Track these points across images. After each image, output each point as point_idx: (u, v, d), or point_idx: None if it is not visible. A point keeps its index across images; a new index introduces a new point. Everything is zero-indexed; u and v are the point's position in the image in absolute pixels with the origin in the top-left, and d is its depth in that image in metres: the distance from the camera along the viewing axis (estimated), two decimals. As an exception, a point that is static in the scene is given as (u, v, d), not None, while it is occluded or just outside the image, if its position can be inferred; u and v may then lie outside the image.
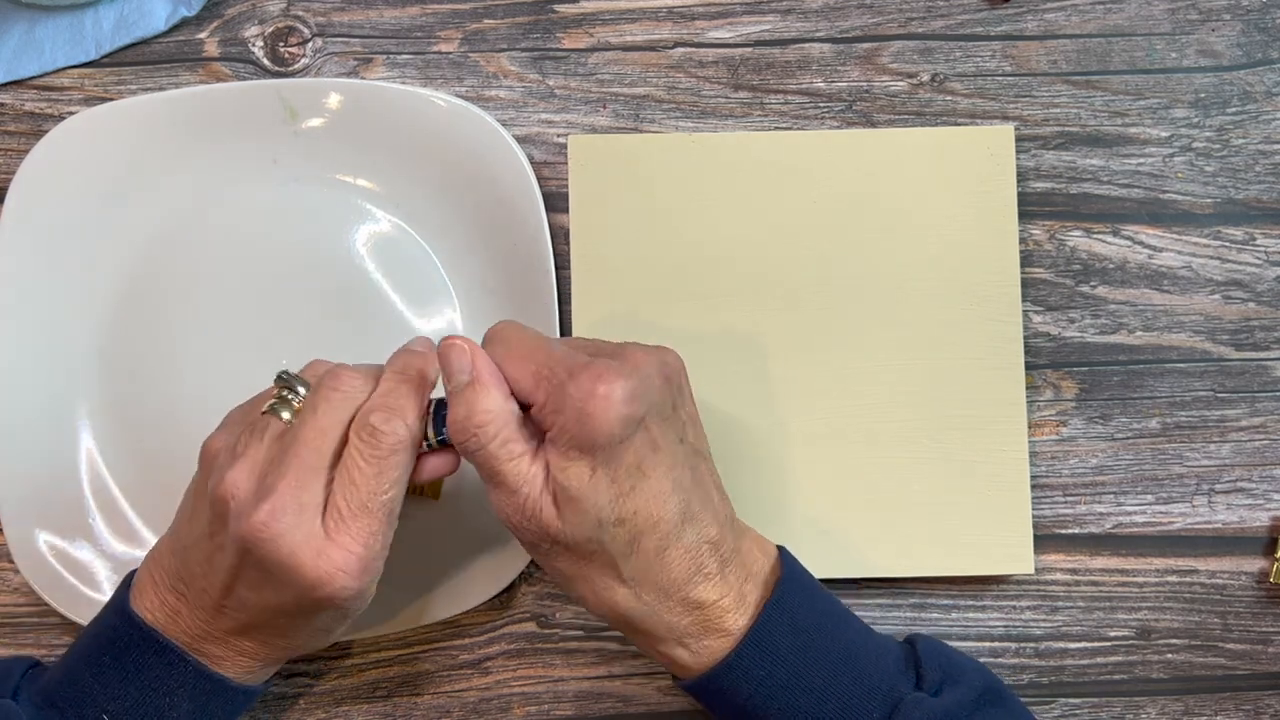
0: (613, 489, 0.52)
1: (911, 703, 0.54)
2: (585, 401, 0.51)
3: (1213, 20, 0.69)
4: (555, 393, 0.52)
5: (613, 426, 0.51)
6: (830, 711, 0.54)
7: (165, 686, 0.55)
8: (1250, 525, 0.68)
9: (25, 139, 0.68)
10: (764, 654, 0.54)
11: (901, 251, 0.67)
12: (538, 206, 0.66)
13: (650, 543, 0.53)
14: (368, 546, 0.53)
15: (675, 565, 0.54)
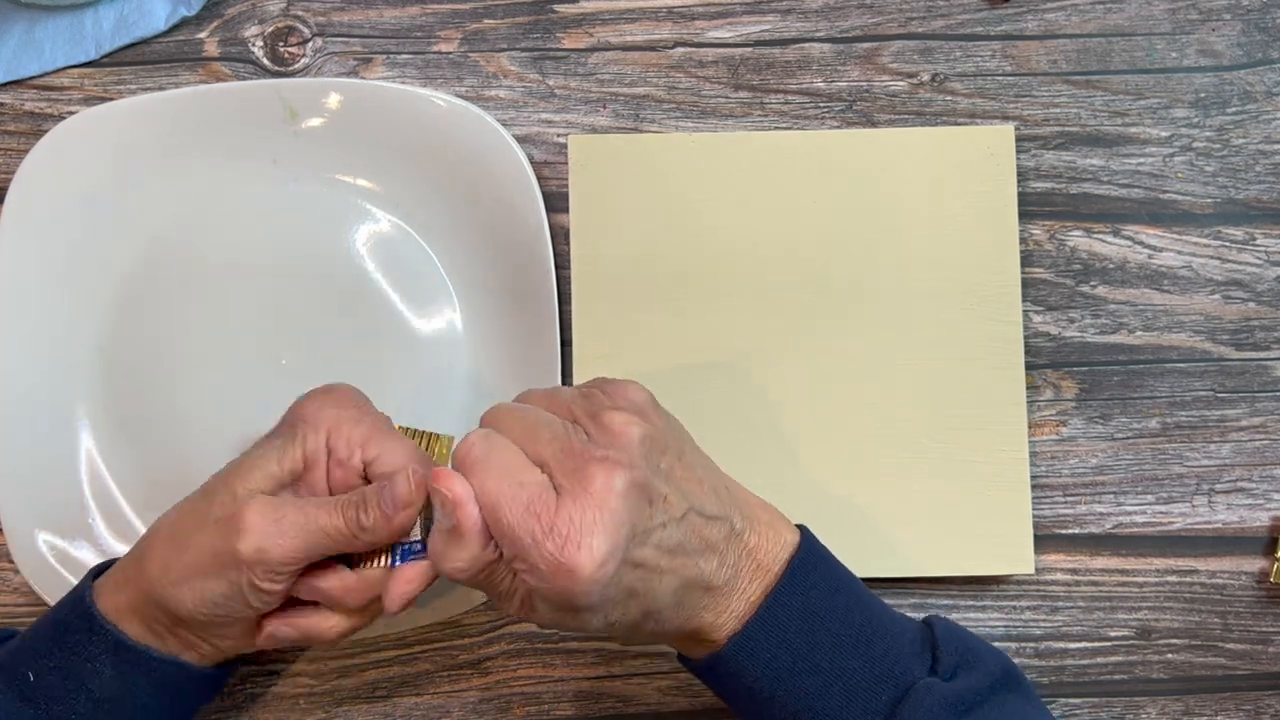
0: (598, 617, 0.51)
1: (923, 688, 0.53)
2: (554, 574, 0.49)
3: (1213, 20, 0.69)
4: (523, 555, 0.49)
5: (590, 594, 0.49)
6: (837, 694, 0.53)
7: (88, 652, 0.56)
8: (1250, 525, 0.68)
9: (25, 139, 0.68)
10: (770, 636, 0.54)
11: (901, 251, 0.67)
12: (538, 206, 0.66)
13: (639, 618, 0.53)
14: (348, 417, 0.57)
15: (670, 622, 0.53)
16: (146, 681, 0.57)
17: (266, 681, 0.67)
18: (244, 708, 0.67)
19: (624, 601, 0.51)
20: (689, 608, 0.53)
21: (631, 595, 0.51)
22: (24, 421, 0.66)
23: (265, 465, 0.56)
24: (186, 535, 0.56)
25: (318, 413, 0.58)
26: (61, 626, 0.57)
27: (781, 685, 0.54)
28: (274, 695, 0.67)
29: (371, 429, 0.57)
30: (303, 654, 0.67)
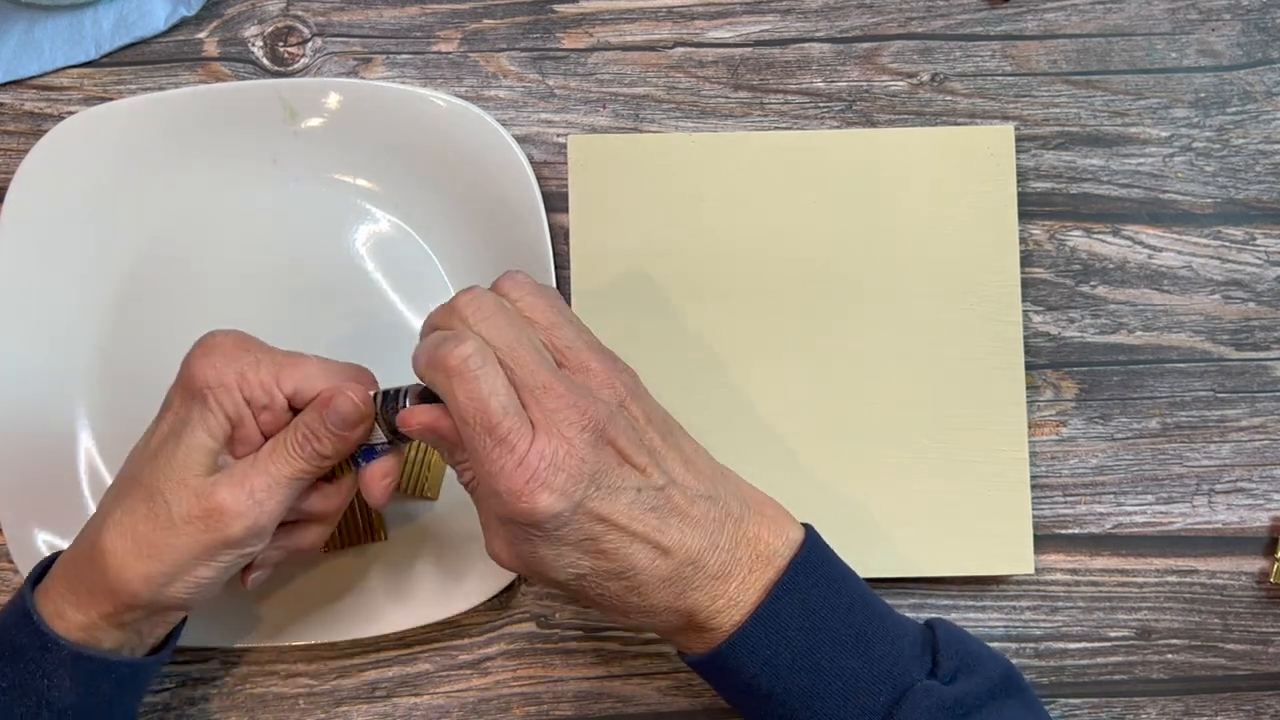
0: (556, 562, 0.52)
1: (922, 690, 0.53)
2: (511, 491, 0.50)
3: (1213, 20, 0.69)
4: (489, 478, 0.51)
5: (537, 518, 0.51)
6: (835, 693, 0.53)
7: (42, 668, 0.55)
8: (1250, 525, 0.68)
9: (25, 139, 0.68)
10: (770, 633, 0.54)
11: (901, 251, 0.67)
12: (538, 206, 0.66)
13: (617, 587, 0.53)
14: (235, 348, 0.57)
15: (653, 595, 0.53)
16: (108, 684, 0.57)
17: (266, 681, 0.67)
18: (244, 707, 0.67)
19: (587, 553, 0.52)
20: (676, 584, 0.53)
21: (598, 550, 0.52)
22: (24, 421, 0.66)
23: (199, 446, 0.55)
24: (159, 544, 0.55)
25: (219, 373, 0.56)
26: (10, 648, 0.56)
27: (780, 683, 0.54)
28: (274, 695, 0.67)
29: (274, 365, 0.57)
30: (303, 654, 0.67)
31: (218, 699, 0.67)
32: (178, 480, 0.55)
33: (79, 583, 0.56)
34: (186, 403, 0.56)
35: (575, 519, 0.51)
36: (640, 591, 0.53)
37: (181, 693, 0.67)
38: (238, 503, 0.55)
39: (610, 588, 0.53)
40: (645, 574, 0.53)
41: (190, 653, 0.67)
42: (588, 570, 0.52)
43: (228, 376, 0.55)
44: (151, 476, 0.55)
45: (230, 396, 0.55)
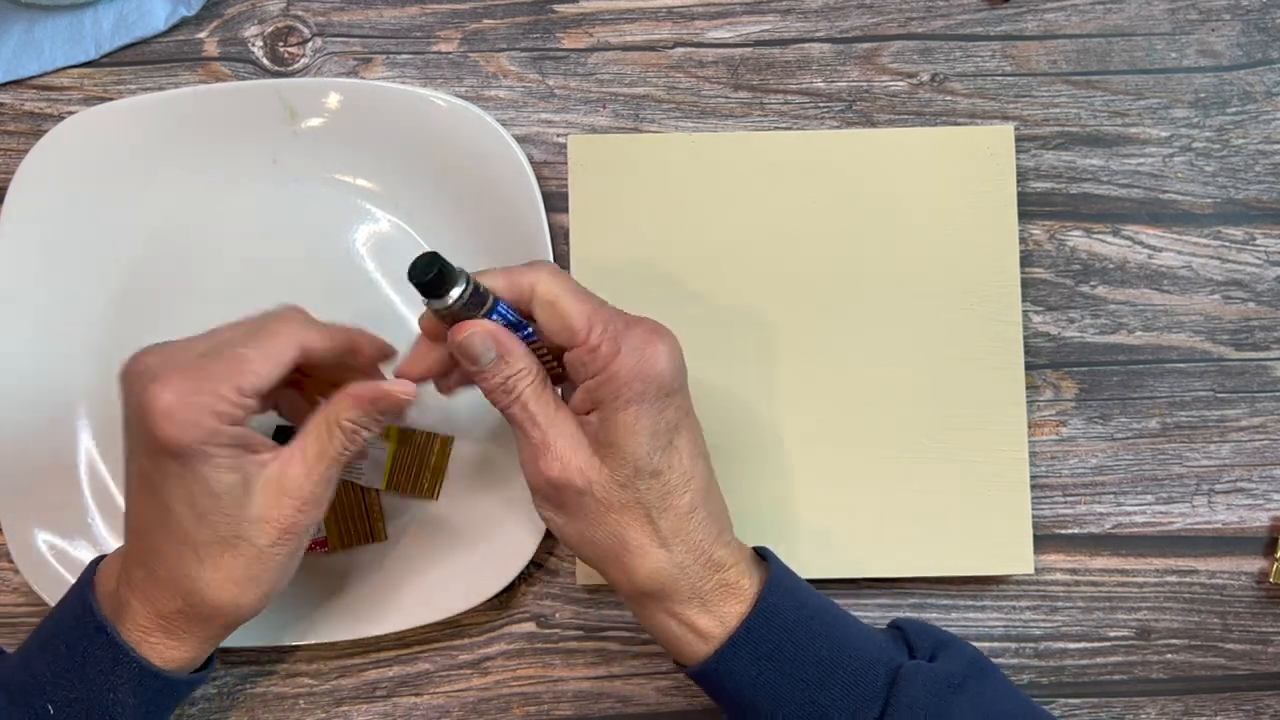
0: (653, 440, 0.54)
1: (912, 668, 0.55)
2: (645, 347, 0.54)
3: (1213, 20, 0.69)
4: (612, 336, 0.54)
5: (667, 376, 0.54)
6: (839, 682, 0.54)
7: (110, 682, 0.55)
8: (1250, 525, 0.68)
9: (25, 139, 0.68)
10: (771, 626, 0.55)
11: (901, 251, 0.67)
12: (538, 206, 0.66)
13: (683, 501, 0.55)
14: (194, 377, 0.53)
15: (703, 527, 0.55)
16: (166, 702, 0.57)
17: (266, 681, 0.67)
18: (244, 707, 0.67)
19: (669, 434, 0.55)
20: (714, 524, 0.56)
21: (676, 432, 0.55)
22: (24, 421, 0.66)
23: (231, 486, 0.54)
24: (259, 574, 0.55)
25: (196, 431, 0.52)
26: (80, 654, 0.55)
27: (786, 678, 0.54)
28: (274, 695, 0.67)
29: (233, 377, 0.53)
30: (303, 654, 0.67)
31: (218, 699, 0.67)
32: (242, 520, 0.54)
33: (179, 628, 0.56)
34: (185, 464, 0.53)
35: (678, 396, 0.55)
36: (695, 516, 0.55)
37: (181, 693, 0.67)
38: (309, 508, 0.55)
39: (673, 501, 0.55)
40: (700, 495, 0.55)
41: (190, 653, 0.67)
42: (664, 467, 0.54)
43: (205, 424, 0.52)
44: (212, 531, 0.54)
45: (221, 436, 0.53)
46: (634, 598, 0.56)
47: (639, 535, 0.55)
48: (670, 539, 0.55)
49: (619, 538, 0.55)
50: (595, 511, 0.55)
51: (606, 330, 0.54)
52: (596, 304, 0.55)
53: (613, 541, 0.55)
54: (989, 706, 0.56)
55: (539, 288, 0.55)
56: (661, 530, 0.55)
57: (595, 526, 0.55)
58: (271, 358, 0.54)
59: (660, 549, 0.55)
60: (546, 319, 0.55)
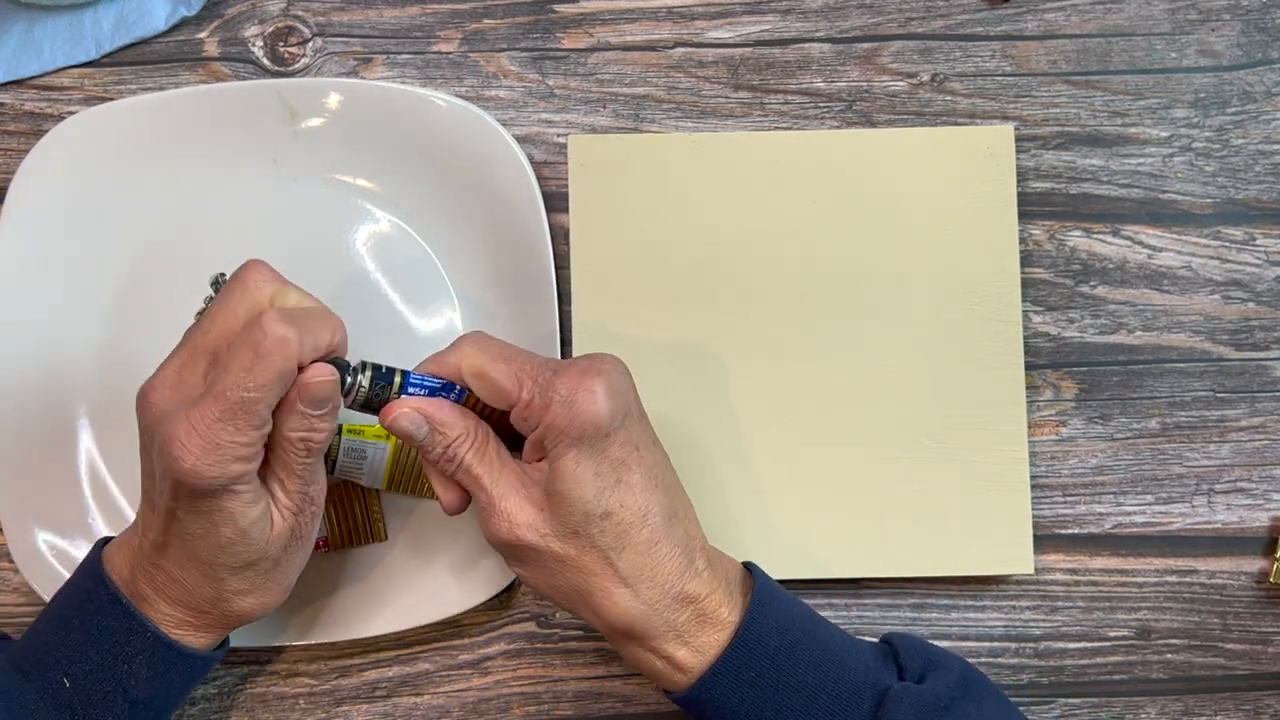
0: (598, 482, 0.54)
1: (900, 690, 0.55)
2: (574, 393, 0.54)
3: (1213, 20, 0.69)
4: (543, 388, 0.54)
5: (602, 416, 0.54)
6: (822, 708, 0.54)
7: (125, 652, 0.55)
8: (1250, 525, 0.68)
9: (25, 139, 0.68)
10: (753, 654, 0.55)
11: (901, 251, 0.67)
12: (538, 206, 0.66)
13: (641, 536, 0.54)
14: (211, 429, 0.52)
15: (668, 560, 0.55)
16: (179, 678, 0.57)
17: (266, 681, 0.67)
18: (244, 707, 0.67)
19: (616, 473, 0.54)
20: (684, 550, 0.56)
21: (624, 468, 0.54)
22: (24, 421, 0.66)
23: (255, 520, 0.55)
24: (278, 581, 0.57)
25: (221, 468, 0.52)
26: (94, 627, 0.56)
27: (770, 705, 0.54)
28: (274, 695, 0.67)
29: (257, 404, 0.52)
30: (303, 654, 0.67)
31: (218, 699, 0.67)
32: (261, 544, 0.55)
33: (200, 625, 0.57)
34: (213, 502, 0.53)
35: (620, 431, 0.54)
36: (656, 551, 0.55)
37: (181, 692, 0.67)
38: (310, 518, 0.56)
39: (631, 538, 0.54)
40: (661, 528, 0.55)
41: (190, 653, 0.67)
42: (615, 507, 0.54)
43: (231, 470, 0.53)
44: (237, 558, 0.55)
45: (247, 475, 0.53)
46: (611, 637, 0.57)
47: (601, 580, 0.55)
48: (633, 578, 0.55)
49: (582, 584, 0.55)
50: (553, 563, 0.55)
51: (536, 384, 0.54)
52: (523, 361, 0.55)
53: (577, 588, 0.55)
54: None
55: (464, 364, 0.56)
56: (622, 571, 0.54)
57: (557, 576, 0.55)
58: (274, 388, 0.53)
59: (624, 589, 0.55)
60: (480, 389, 0.56)
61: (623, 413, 0.55)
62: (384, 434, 0.66)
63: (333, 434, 0.56)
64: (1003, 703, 0.58)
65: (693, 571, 0.55)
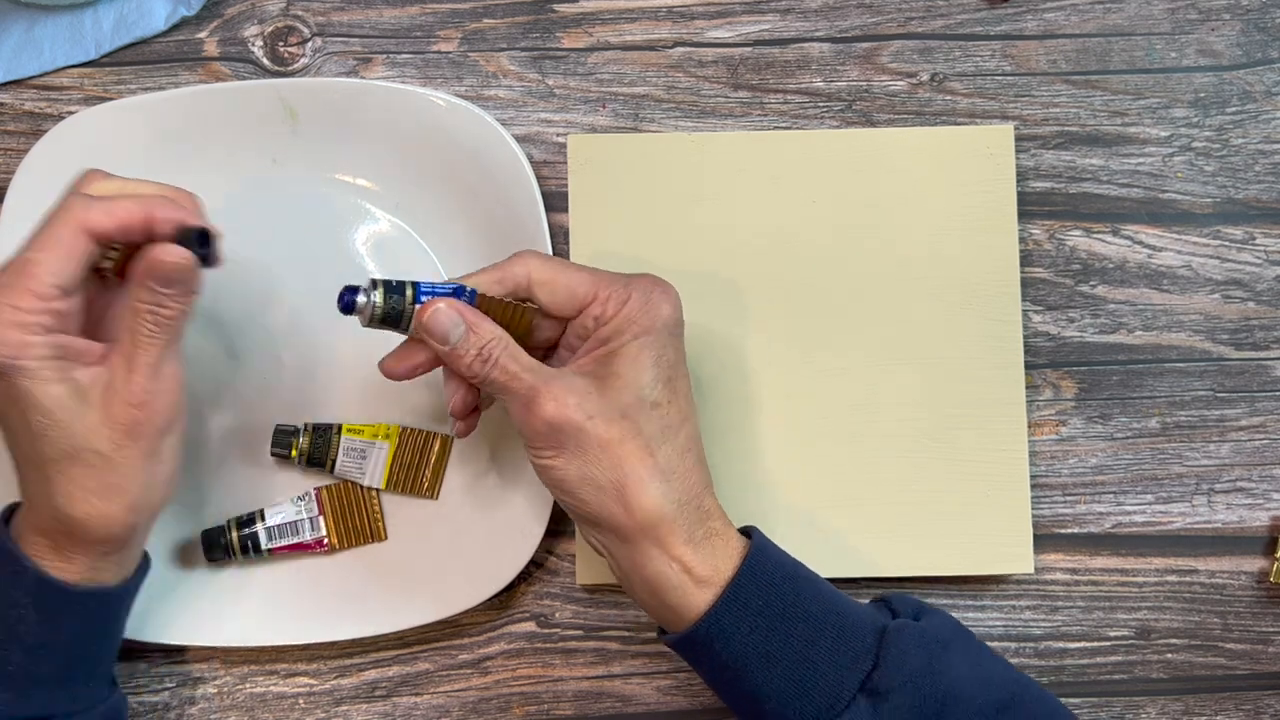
0: (656, 370, 0.56)
1: (900, 625, 0.56)
2: (652, 290, 0.57)
3: (1212, 20, 0.69)
4: (621, 287, 0.57)
5: (673, 316, 0.57)
6: (829, 638, 0.55)
7: (11, 596, 0.55)
8: (1250, 525, 0.68)
9: (25, 139, 0.68)
10: (761, 582, 0.55)
11: (901, 251, 0.67)
12: (537, 206, 0.66)
13: (680, 436, 0.56)
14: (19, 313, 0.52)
15: (696, 470, 0.57)
16: (72, 620, 0.56)
17: (266, 681, 0.67)
18: (244, 707, 0.67)
19: (670, 371, 0.57)
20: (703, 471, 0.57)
21: (676, 372, 0.57)
22: (24, 421, 0.66)
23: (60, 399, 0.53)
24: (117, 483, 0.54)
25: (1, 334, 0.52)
26: None
27: (776, 636, 0.55)
28: (274, 695, 0.67)
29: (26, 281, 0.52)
30: (303, 654, 0.67)
31: (218, 699, 0.67)
32: (80, 430, 0.53)
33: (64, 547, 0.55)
34: (8, 383, 0.52)
35: (678, 339, 0.57)
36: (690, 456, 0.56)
37: (181, 693, 0.67)
38: (147, 405, 0.54)
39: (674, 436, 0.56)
40: (695, 439, 0.57)
41: (190, 652, 0.67)
42: (665, 400, 0.56)
43: (10, 339, 0.52)
44: (54, 446, 0.53)
45: (33, 349, 0.52)
46: (633, 538, 0.55)
47: (639, 467, 0.55)
48: (669, 472, 0.55)
49: (619, 470, 0.55)
50: (595, 447, 0.55)
51: (614, 285, 0.57)
52: (595, 270, 0.58)
53: (614, 475, 0.55)
54: (976, 664, 0.56)
55: (534, 274, 0.58)
56: (660, 463, 0.55)
57: (595, 463, 0.55)
58: (58, 251, 0.52)
59: (660, 481, 0.55)
60: (549, 297, 0.57)
61: (682, 325, 0.58)
62: (383, 433, 0.66)
63: (187, 315, 0.54)
64: (992, 652, 0.59)
65: (710, 492, 0.57)
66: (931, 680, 0.54)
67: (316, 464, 0.66)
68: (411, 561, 0.66)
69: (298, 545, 0.65)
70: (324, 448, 0.65)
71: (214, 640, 0.65)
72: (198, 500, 0.66)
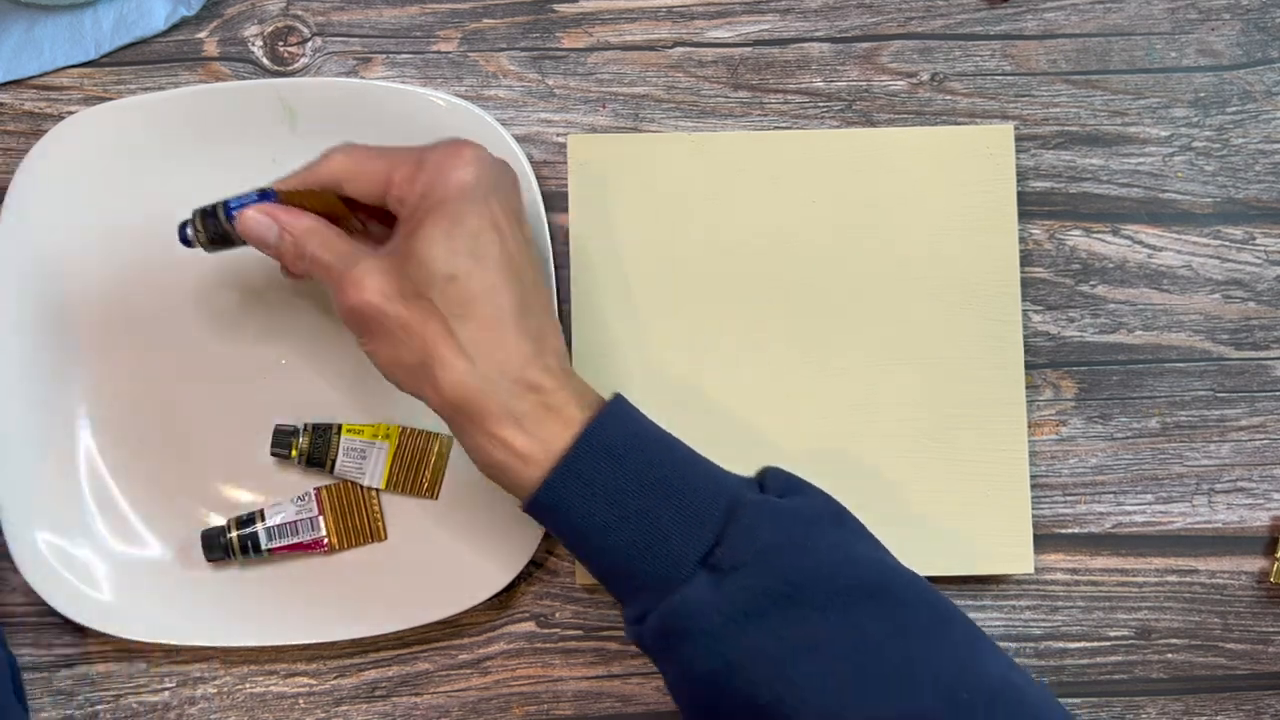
0: (448, 243, 0.54)
1: (757, 500, 0.54)
2: (443, 160, 0.55)
3: (1212, 20, 0.69)
4: (412, 165, 0.56)
5: (465, 180, 0.55)
6: (674, 508, 0.54)
7: None
8: (1250, 525, 0.68)
9: (25, 139, 0.68)
10: (600, 453, 0.54)
11: (901, 251, 0.67)
12: (538, 206, 0.66)
13: (484, 310, 0.54)
14: None
15: (512, 343, 0.55)
16: None
17: (266, 681, 0.67)
18: (244, 707, 0.67)
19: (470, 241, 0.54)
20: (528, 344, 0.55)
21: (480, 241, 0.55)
22: (24, 421, 0.66)
23: None
24: None
25: None
26: None
27: (618, 507, 0.54)
28: (274, 695, 0.67)
29: None
30: (303, 654, 0.67)
31: (218, 699, 0.67)
32: None
33: None
34: None
35: (481, 204, 0.55)
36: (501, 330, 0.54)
37: (181, 692, 0.67)
38: None
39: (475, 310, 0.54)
40: (508, 310, 0.55)
41: (190, 653, 0.67)
42: (461, 272, 0.54)
43: None
44: None
45: None
46: (450, 418, 0.55)
47: (441, 347, 0.54)
48: (472, 350, 0.54)
49: (423, 352, 0.54)
50: (398, 329, 0.55)
51: (406, 163, 0.56)
52: (391, 151, 0.58)
53: (418, 357, 0.55)
54: (843, 546, 0.55)
55: (337, 171, 0.58)
56: (462, 340, 0.54)
57: (401, 346, 0.55)
58: None
59: (462, 360, 0.54)
60: (355, 190, 0.58)
61: (487, 187, 0.55)
62: (383, 433, 0.66)
63: None
64: (870, 538, 0.57)
65: (541, 364, 0.55)
66: (783, 558, 0.53)
67: (316, 464, 0.66)
68: (411, 561, 0.66)
69: (297, 545, 0.65)
70: (324, 448, 0.65)
71: (214, 640, 0.65)
72: (198, 500, 0.67)
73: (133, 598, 0.65)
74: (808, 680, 0.51)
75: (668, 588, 0.53)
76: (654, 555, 0.53)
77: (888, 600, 0.53)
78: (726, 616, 0.52)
